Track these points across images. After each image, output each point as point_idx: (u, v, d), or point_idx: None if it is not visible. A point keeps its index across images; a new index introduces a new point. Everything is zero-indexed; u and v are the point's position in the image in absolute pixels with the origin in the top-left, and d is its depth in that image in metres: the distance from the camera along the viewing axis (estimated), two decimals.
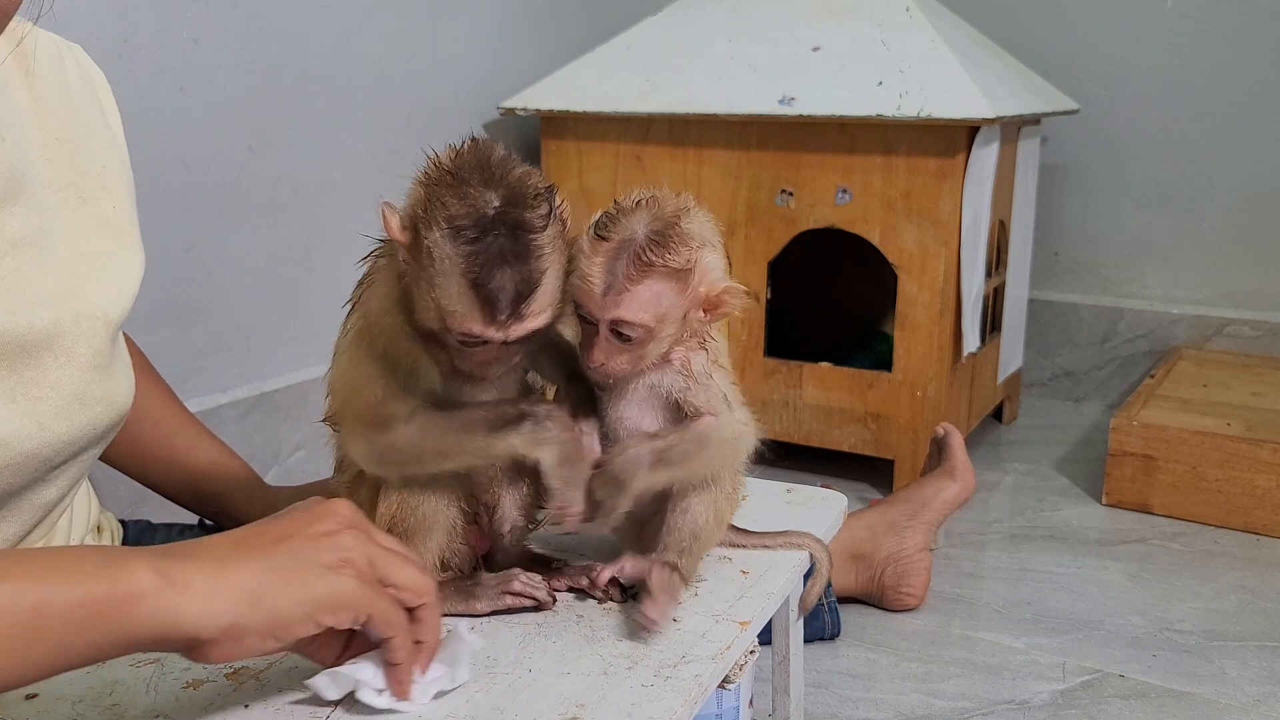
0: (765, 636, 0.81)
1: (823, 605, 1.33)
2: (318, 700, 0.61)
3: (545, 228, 0.63)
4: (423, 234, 0.61)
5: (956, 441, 1.55)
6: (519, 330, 0.62)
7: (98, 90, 0.84)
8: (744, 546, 0.82)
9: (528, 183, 0.63)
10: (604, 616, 0.71)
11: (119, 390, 0.79)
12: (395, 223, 0.63)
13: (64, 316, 0.73)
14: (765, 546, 0.82)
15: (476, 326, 0.61)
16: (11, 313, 0.70)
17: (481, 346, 0.64)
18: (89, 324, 0.75)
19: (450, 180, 0.62)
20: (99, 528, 0.93)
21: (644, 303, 0.66)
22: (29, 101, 0.76)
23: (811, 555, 0.83)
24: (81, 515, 0.89)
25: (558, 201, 0.65)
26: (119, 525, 0.97)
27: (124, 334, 0.97)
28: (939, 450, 1.58)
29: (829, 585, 1.34)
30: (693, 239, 0.67)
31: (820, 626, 1.33)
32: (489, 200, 0.61)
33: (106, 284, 0.78)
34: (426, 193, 0.62)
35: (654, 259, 0.66)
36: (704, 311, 0.69)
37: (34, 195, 0.74)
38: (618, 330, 0.67)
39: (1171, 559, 1.59)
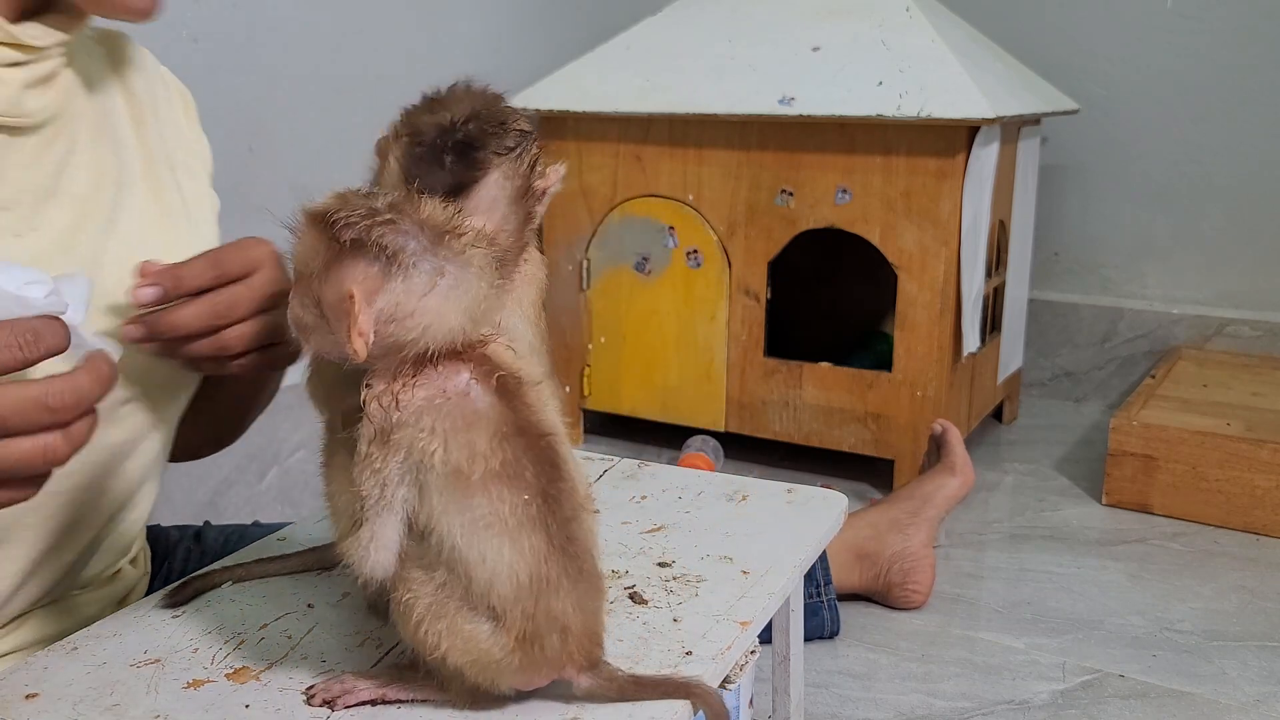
0: (765, 635, 0.81)
1: (822, 603, 1.34)
2: (318, 697, 0.61)
3: (500, 152, 0.63)
4: (389, 150, 0.63)
5: (954, 437, 1.57)
6: None
7: (177, 100, 0.89)
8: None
9: (502, 115, 0.63)
10: (605, 617, 0.71)
11: None
12: (382, 145, 0.65)
13: (116, 271, 0.73)
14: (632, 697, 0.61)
15: None
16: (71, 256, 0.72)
17: None
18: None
19: (424, 103, 0.64)
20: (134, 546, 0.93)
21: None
22: (121, 93, 0.81)
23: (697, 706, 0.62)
24: (140, 522, 0.90)
25: (532, 146, 0.64)
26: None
27: None
28: (937, 447, 1.60)
29: (829, 583, 1.34)
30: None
31: (819, 624, 1.33)
32: (450, 117, 0.62)
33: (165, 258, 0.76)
34: (404, 113, 0.64)
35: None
36: None
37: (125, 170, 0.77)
38: None
39: (1171, 559, 1.59)
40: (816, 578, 1.33)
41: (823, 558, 1.33)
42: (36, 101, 0.71)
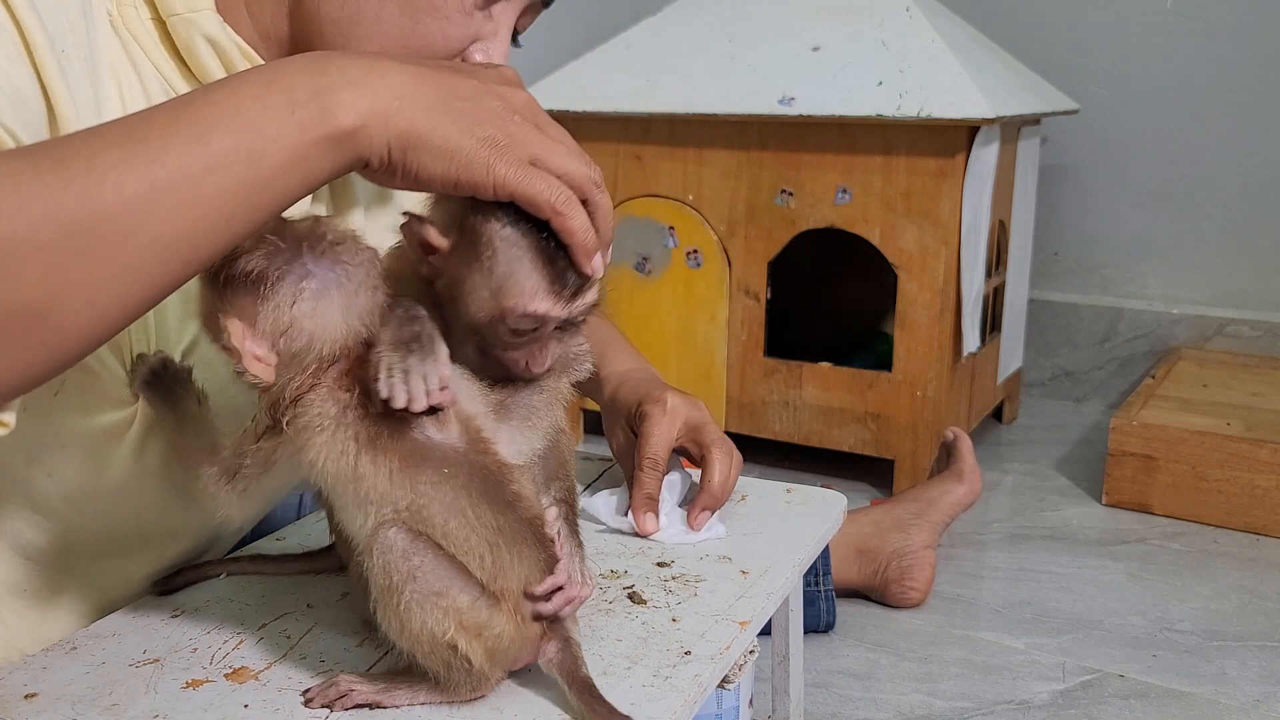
0: (764, 628, 0.81)
1: (819, 593, 1.34)
2: (317, 700, 0.61)
3: None
4: (478, 228, 0.61)
5: (965, 445, 1.58)
6: (580, 306, 0.62)
7: None
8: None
9: None
10: (603, 616, 0.71)
11: None
12: (433, 232, 0.62)
13: None
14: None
15: (542, 304, 0.61)
16: None
17: (533, 334, 0.63)
18: None
19: None
20: None
21: None
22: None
23: None
24: None
25: None
26: None
27: None
28: (947, 454, 1.60)
29: (828, 574, 1.35)
30: None
31: (815, 615, 1.34)
32: None
33: None
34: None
35: None
36: None
37: None
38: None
39: (1171, 559, 1.58)
40: (816, 568, 1.33)
41: (824, 549, 1.34)
42: None
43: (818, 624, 1.34)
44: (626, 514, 0.85)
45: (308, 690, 0.62)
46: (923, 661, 1.30)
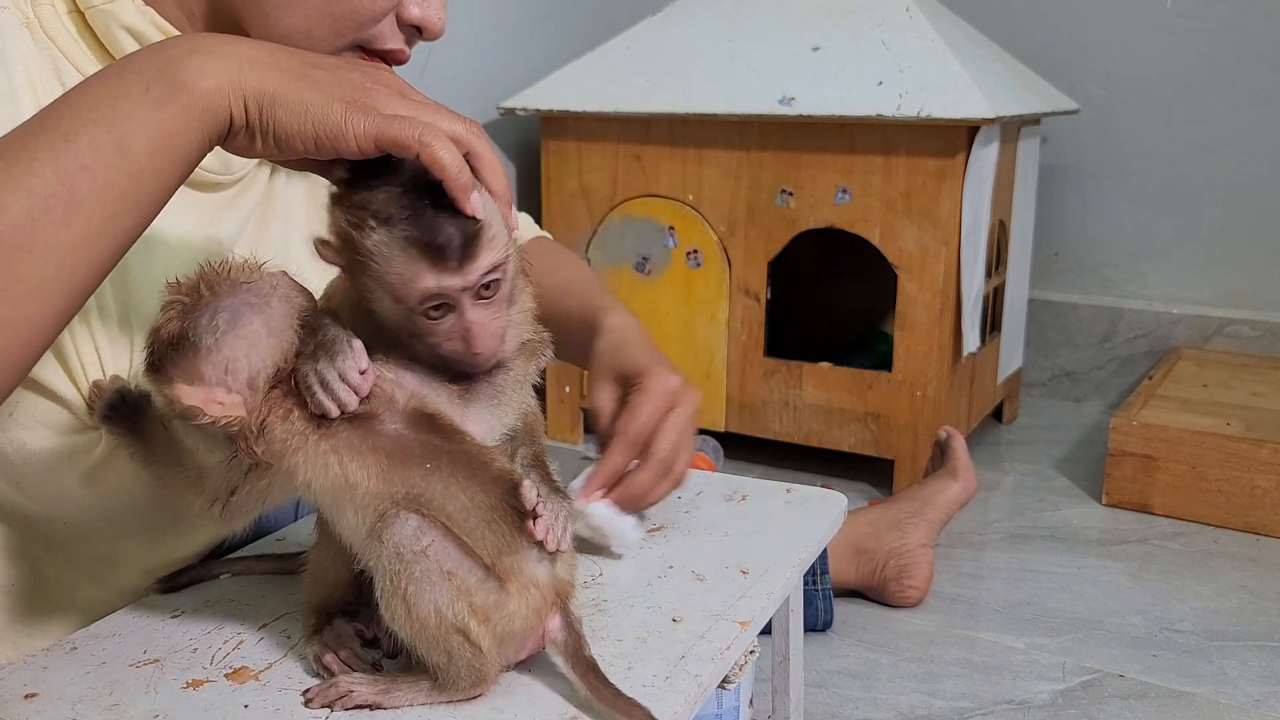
0: (764, 628, 0.81)
1: (817, 592, 1.34)
2: (317, 701, 0.61)
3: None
4: (353, 240, 0.60)
5: (959, 444, 1.59)
6: (476, 270, 0.60)
7: None
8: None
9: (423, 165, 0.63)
10: (603, 616, 0.71)
11: None
12: (329, 252, 0.62)
13: None
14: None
15: (431, 280, 0.59)
16: None
17: (451, 313, 0.61)
18: None
19: (359, 182, 0.61)
20: None
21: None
22: (304, 193, 0.86)
23: None
24: None
25: None
26: None
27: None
28: (941, 453, 1.61)
29: (825, 574, 1.35)
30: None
31: (813, 614, 1.34)
32: (402, 180, 0.60)
33: None
34: (343, 206, 0.61)
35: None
36: None
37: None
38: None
39: (1171, 559, 1.59)
40: (814, 567, 1.33)
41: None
42: (240, 158, 0.76)
43: (815, 623, 1.35)
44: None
45: (308, 690, 0.62)
46: (922, 661, 1.30)
